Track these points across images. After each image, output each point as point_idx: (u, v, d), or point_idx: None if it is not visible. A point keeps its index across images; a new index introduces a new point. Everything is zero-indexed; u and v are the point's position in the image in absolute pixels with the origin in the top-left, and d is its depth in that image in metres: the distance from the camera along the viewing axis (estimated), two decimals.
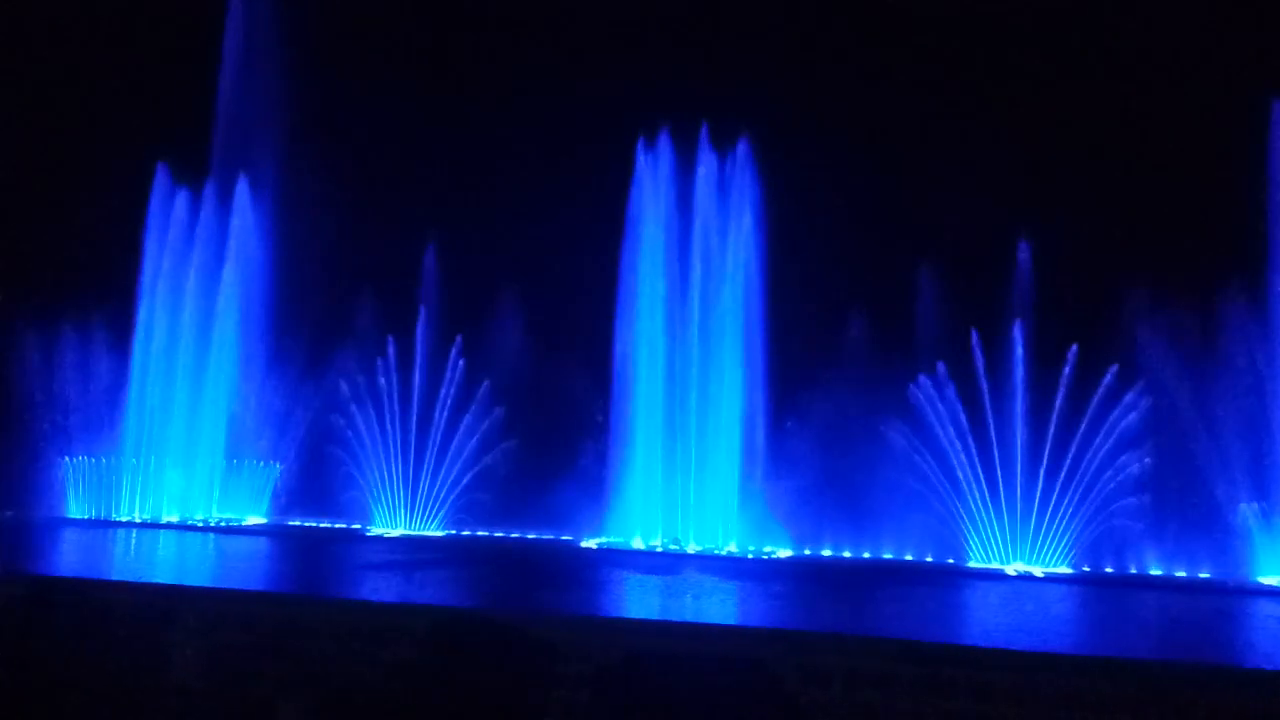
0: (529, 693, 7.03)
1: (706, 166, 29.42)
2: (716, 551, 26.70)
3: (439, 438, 30.23)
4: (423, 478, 30.06)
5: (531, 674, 7.52)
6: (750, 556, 26.15)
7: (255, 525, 29.83)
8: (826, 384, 28.46)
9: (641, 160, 29.57)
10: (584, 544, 27.01)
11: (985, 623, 15.95)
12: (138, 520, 29.71)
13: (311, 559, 22.07)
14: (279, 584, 17.33)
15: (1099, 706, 7.14)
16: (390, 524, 29.76)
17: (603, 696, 6.88)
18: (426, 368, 30.93)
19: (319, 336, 31.03)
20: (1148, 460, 25.19)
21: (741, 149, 29.07)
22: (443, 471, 29.94)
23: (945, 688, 6.98)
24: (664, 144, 29.54)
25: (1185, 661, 10.27)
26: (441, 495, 29.90)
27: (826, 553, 27.03)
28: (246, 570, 19.11)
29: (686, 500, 28.01)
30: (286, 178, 31.45)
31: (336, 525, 29.86)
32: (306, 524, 29.97)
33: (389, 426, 30.55)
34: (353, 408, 30.62)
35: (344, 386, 30.71)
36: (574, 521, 28.19)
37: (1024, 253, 26.84)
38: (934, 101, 31.36)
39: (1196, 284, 25.01)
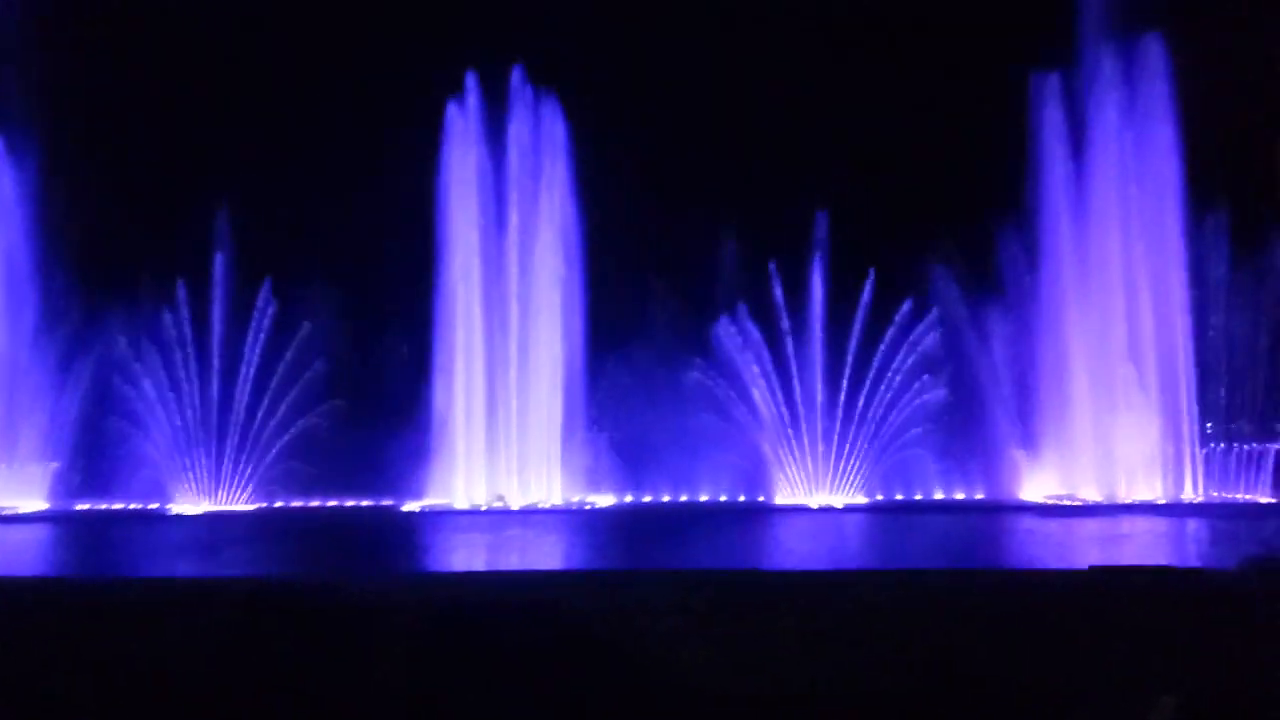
0: (345, 655, 7.04)
1: (519, 120, 29.19)
2: (540, 506, 27.08)
3: (245, 398, 28.54)
4: (227, 446, 28.41)
5: (345, 635, 7.52)
6: (574, 508, 26.73)
7: (34, 513, 27.21)
8: (641, 333, 29.25)
9: (453, 112, 28.92)
10: (406, 508, 26.62)
11: (778, 551, 17.24)
12: None
13: (96, 545, 20.57)
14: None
15: (876, 614, 7.92)
16: (194, 500, 28.04)
17: (418, 652, 6.99)
18: (227, 318, 28.99)
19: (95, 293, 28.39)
20: (940, 392, 27.43)
21: (552, 102, 29.03)
22: (251, 437, 28.38)
23: (736, 610, 7.62)
24: (473, 96, 29.00)
25: (953, 569, 11.58)
26: (251, 464, 28.40)
27: (647, 499, 28.02)
28: (17, 561, 17.62)
29: (509, 456, 28.15)
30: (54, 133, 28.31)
31: (131, 506, 27.65)
32: (99, 507, 27.62)
33: (185, 387, 28.49)
34: (137, 368, 28.22)
35: (122, 344, 28.21)
36: (396, 486, 27.63)
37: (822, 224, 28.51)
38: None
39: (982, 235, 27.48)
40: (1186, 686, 5.53)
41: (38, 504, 27.77)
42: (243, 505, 27.94)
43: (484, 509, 26.69)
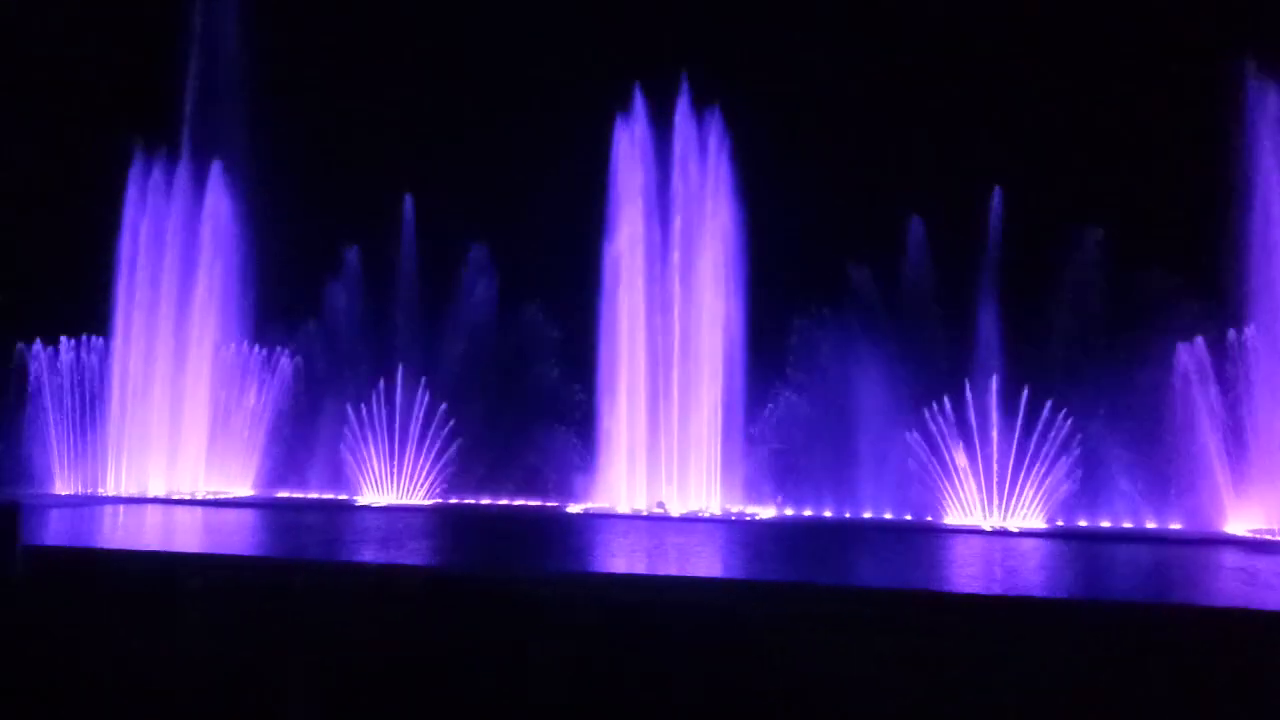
0: (516, 646, 7.34)
1: (684, 134, 29.57)
2: (700, 514, 27.18)
3: (426, 400, 30.35)
4: (409, 444, 30.24)
5: (518, 628, 7.85)
6: (733, 518, 26.67)
7: (242, 497, 30.00)
8: (803, 346, 28.91)
9: (619, 126, 29.64)
10: (571, 509, 27.48)
11: (945, 572, 16.49)
12: None
13: (294, 529, 22.35)
14: None
15: (1044, 644, 7.45)
16: (377, 494, 30.00)
17: (585, 647, 7.19)
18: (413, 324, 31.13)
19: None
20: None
21: (715, 115, 29.24)
22: (431, 436, 30.14)
23: (905, 629, 7.38)
24: (640, 111, 29.63)
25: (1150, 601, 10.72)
26: (430, 462, 30.12)
27: (807, 513, 27.56)
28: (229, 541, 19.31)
29: (670, 464, 28.46)
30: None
31: (324, 496, 30.07)
32: (295, 496, 30.15)
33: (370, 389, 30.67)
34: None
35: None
36: (561, 489, 28.93)
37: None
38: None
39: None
40: None
41: (245, 490, 30.72)
42: (421, 500, 29.66)
43: (645, 514, 27.09)
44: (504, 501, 29.44)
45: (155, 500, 29.23)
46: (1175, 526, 25.04)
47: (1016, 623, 7.96)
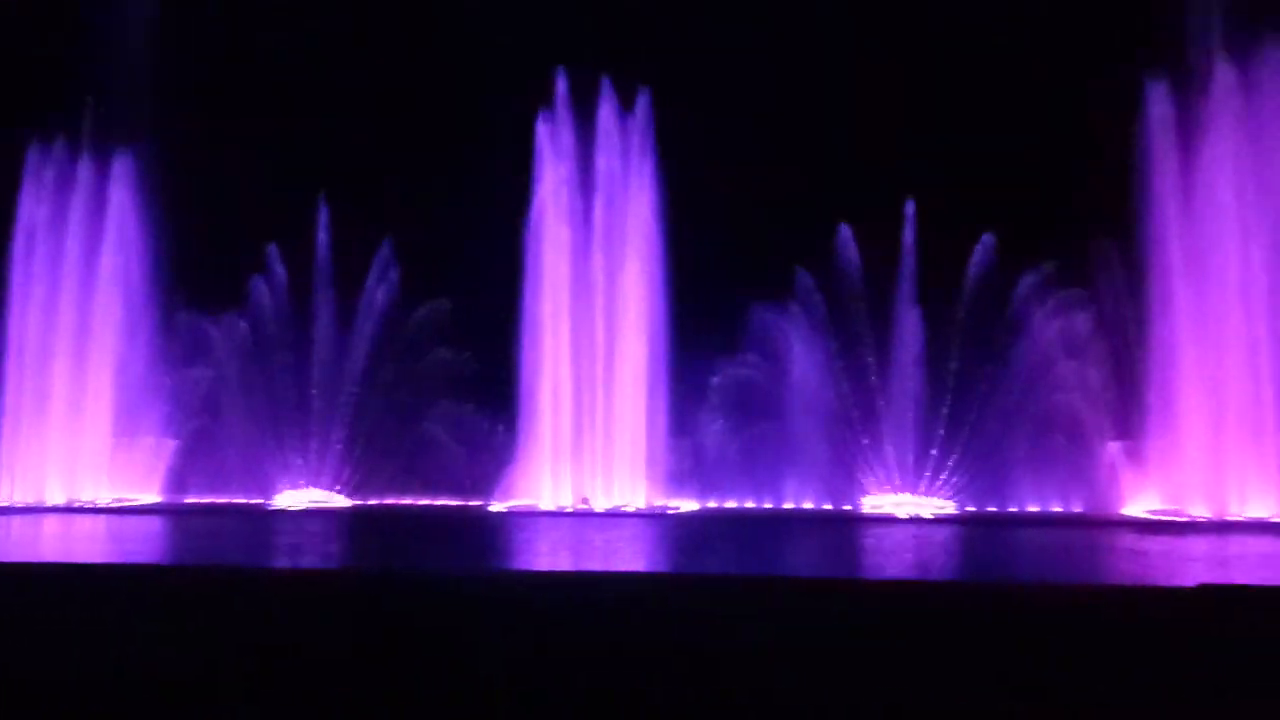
0: (441, 647, 7.27)
1: (607, 126, 29.57)
2: (625, 509, 27.28)
3: (346, 398, 29.59)
4: (330, 442, 29.51)
5: (460, 628, 7.78)
6: (658, 512, 26.85)
7: (149, 504, 28.84)
8: (728, 338, 29.23)
9: (542, 119, 29.47)
10: (493, 508, 27.25)
11: (863, 560, 16.95)
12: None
13: (204, 535, 21.63)
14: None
15: (966, 626, 7.69)
16: (293, 495, 29.21)
17: (510, 646, 7.16)
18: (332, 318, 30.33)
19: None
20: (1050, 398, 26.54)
21: (642, 105, 29.31)
22: (350, 435, 29.45)
23: (822, 618, 7.58)
24: (563, 102, 29.50)
25: (1053, 582, 11.20)
26: (349, 461, 29.47)
27: (731, 504, 27.94)
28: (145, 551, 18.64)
29: (594, 460, 28.48)
30: (166, 146, 29.91)
31: (235, 501, 29.06)
32: (203, 501, 29.12)
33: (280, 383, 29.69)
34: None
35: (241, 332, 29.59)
36: (483, 487, 28.48)
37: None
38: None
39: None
40: None
41: (152, 496, 29.50)
42: (340, 501, 29.02)
43: (569, 510, 27.06)
44: (425, 501, 28.95)
45: (54, 510, 27.89)
46: (1078, 510, 26.19)
47: (930, 607, 8.27)
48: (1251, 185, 25.43)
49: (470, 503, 28.10)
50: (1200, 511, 24.42)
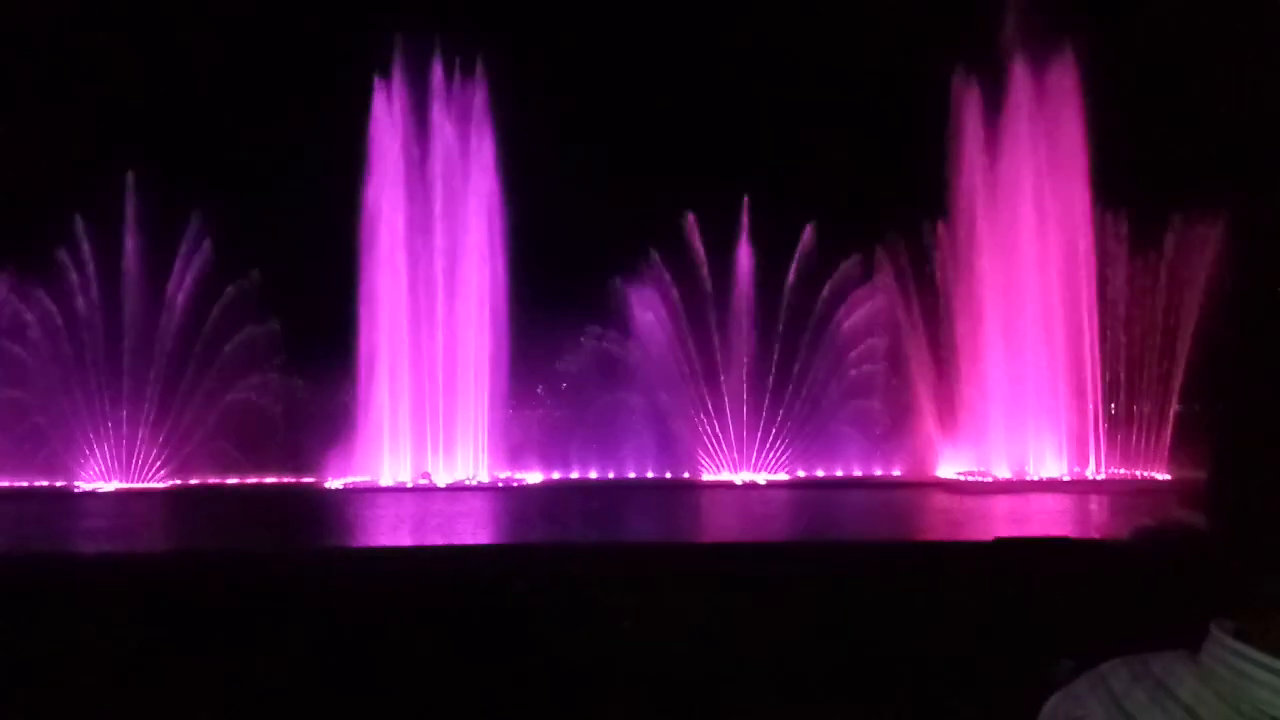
0: (270, 631, 7.00)
1: (444, 99, 28.78)
2: (467, 483, 26.98)
3: (159, 371, 27.57)
4: (141, 420, 27.49)
5: (272, 611, 7.48)
6: (501, 485, 26.73)
7: None
8: (569, 313, 29.29)
9: (378, 89, 28.34)
10: (329, 485, 26.26)
11: (699, 525, 17.60)
12: None
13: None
14: None
15: (792, 586, 8.14)
16: (103, 478, 27.09)
17: (346, 628, 6.99)
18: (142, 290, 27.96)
19: None
20: (864, 373, 28.14)
21: (480, 81, 28.69)
22: (166, 412, 27.52)
23: (659, 582, 7.82)
24: (399, 73, 28.45)
25: (866, 541, 11.97)
26: (167, 440, 27.55)
27: (574, 476, 28.16)
28: None
29: (435, 434, 27.96)
30: None
31: (37, 484, 26.57)
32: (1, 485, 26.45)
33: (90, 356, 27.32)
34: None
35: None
36: (318, 464, 27.28)
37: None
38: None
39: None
40: (1084, 648, 5.91)
41: None
42: (156, 484, 27.13)
43: (409, 486, 26.48)
44: (254, 480, 27.36)
45: None
46: (896, 473, 28.10)
47: (760, 565, 8.72)
48: (1047, 172, 27.73)
49: (304, 480, 26.88)
50: (1002, 473, 26.71)
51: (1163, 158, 26.00)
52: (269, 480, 27.19)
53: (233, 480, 27.21)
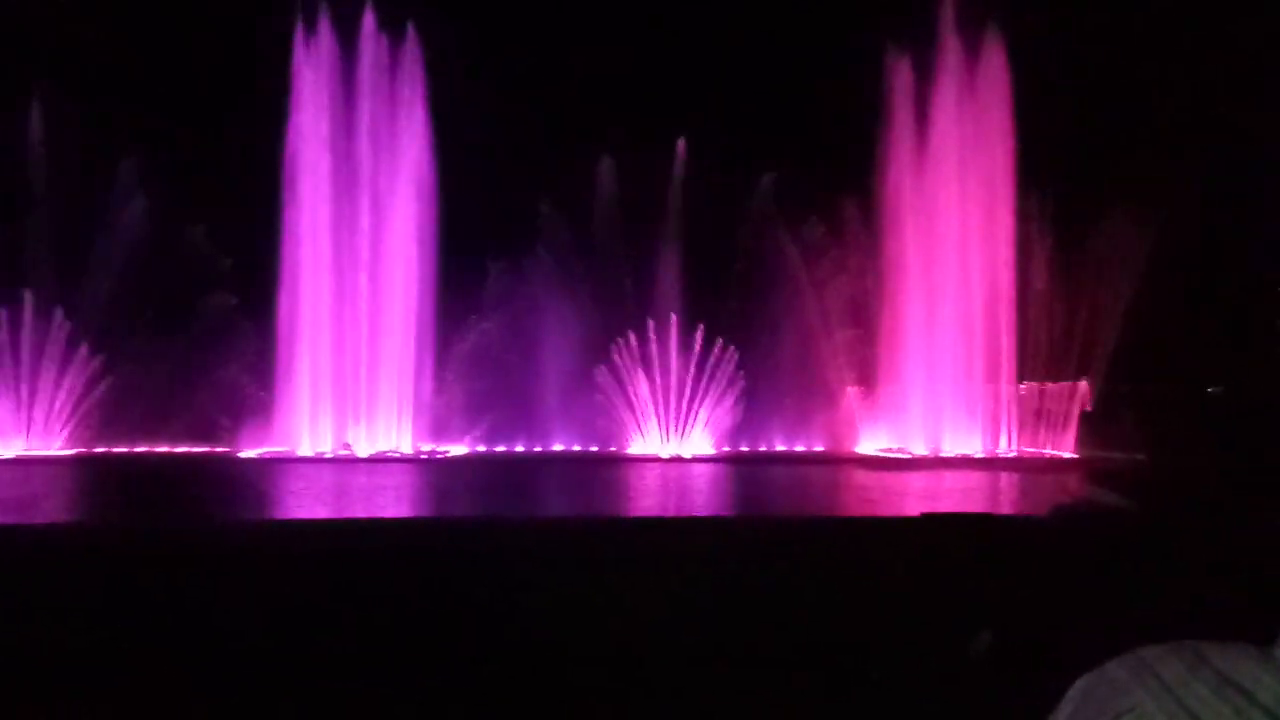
0: (187, 605, 6.73)
1: (372, 52, 27.85)
2: (390, 454, 26.49)
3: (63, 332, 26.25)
4: (40, 383, 26.16)
5: (186, 585, 7.21)
6: (425, 457, 26.32)
7: None
8: (495, 282, 28.89)
9: (300, 39, 27.27)
10: (244, 455, 25.46)
11: (623, 499, 17.65)
12: None
13: None
14: None
15: (717, 560, 8.18)
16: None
17: (264, 603, 6.77)
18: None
19: None
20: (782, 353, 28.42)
21: (409, 33, 27.83)
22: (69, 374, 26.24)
23: (583, 556, 7.79)
24: (324, 22, 27.40)
25: (797, 516, 12.17)
26: (69, 404, 26.28)
27: (500, 449, 27.89)
28: None
29: (357, 402, 27.33)
30: None
31: None
32: None
33: None
34: None
35: None
36: (232, 432, 26.40)
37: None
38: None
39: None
40: (1002, 621, 6.08)
41: None
42: (57, 449, 25.91)
43: (329, 457, 25.86)
44: (164, 449, 26.34)
45: None
46: (819, 449, 28.62)
47: (688, 539, 8.77)
48: (970, 153, 28.32)
49: (216, 450, 26.01)
50: (919, 449, 27.47)
51: (1090, 143, 26.92)
52: (179, 449, 26.21)
53: (141, 448, 26.16)
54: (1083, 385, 27.49)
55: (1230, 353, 30.23)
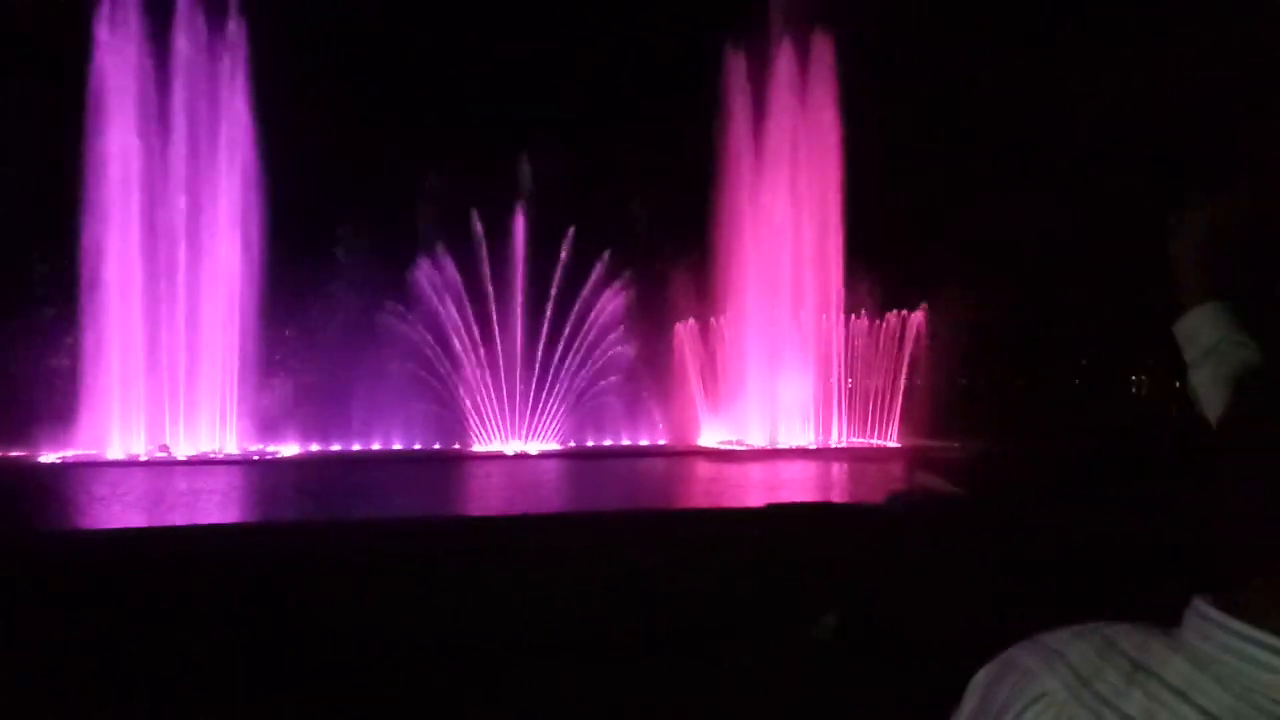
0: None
1: (189, 27, 25.91)
2: (213, 456, 24.81)
3: None
4: None
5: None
6: (252, 458, 24.80)
7: None
8: (331, 270, 27.62)
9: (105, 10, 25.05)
10: (44, 459, 23.12)
11: (469, 497, 17.34)
12: None
13: None
14: None
15: (567, 556, 8.16)
16: None
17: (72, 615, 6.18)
18: None
19: None
20: (628, 347, 28.73)
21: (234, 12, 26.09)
22: None
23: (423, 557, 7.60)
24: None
25: (646, 509, 12.30)
26: None
27: (336, 448, 26.69)
28: None
29: (174, 400, 25.42)
30: None
31: None
32: None
33: None
34: None
35: None
36: (28, 434, 23.89)
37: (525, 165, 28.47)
38: None
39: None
40: (845, 605, 6.35)
41: None
42: None
43: (143, 460, 23.92)
44: None
45: None
46: (662, 442, 29.10)
47: (542, 535, 8.67)
48: (803, 152, 29.49)
49: (11, 454, 23.46)
50: (757, 441, 28.43)
51: (919, 139, 28.70)
52: None
53: None
54: (903, 380, 29.33)
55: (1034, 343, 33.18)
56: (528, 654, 5.65)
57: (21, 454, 23.31)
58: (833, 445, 28.82)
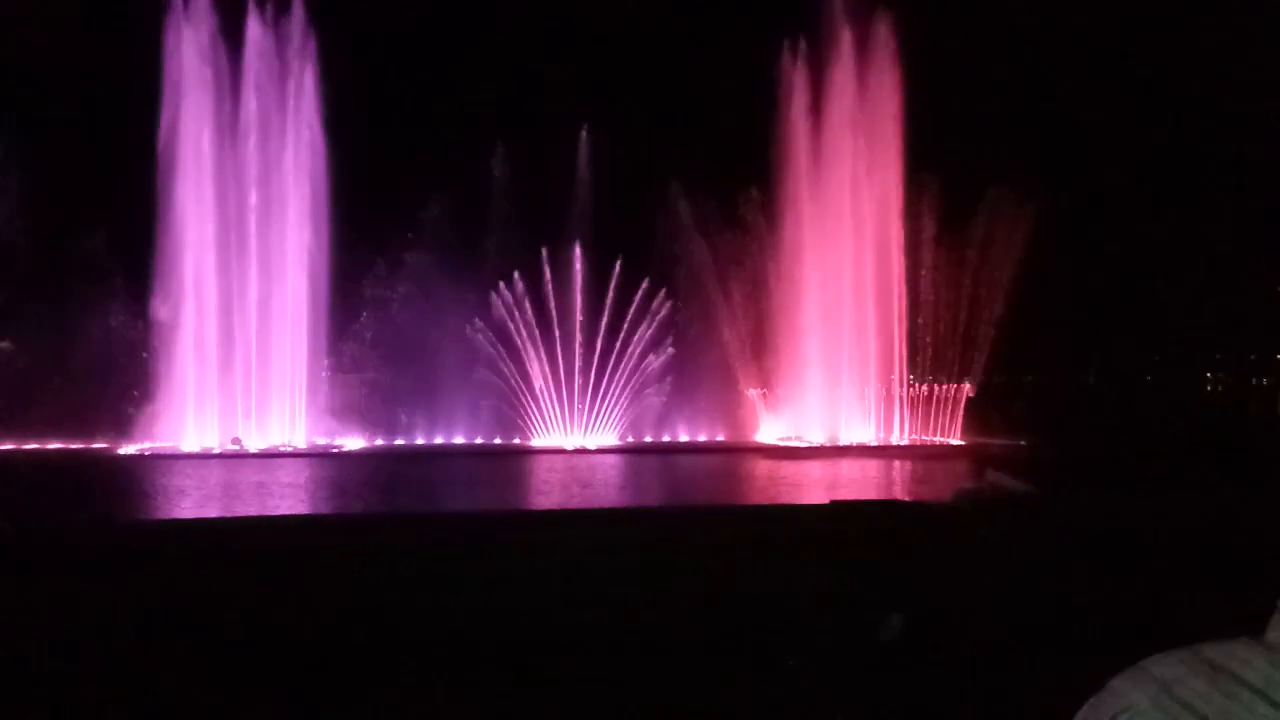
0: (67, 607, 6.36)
1: (260, 24, 26.62)
2: (283, 449, 25.50)
3: None
4: None
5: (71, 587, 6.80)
6: (320, 451, 25.43)
7: None
8: (401, 275, 28.14)
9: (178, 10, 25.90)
10: (124, 451, 24.07)
11: (533, 492, 17.52)
12: None
13: None
14: None
15: (641, 550, 8.23)
16: None
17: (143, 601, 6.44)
18: None
19: None
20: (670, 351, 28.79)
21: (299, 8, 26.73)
22: None
23: (490, 551, 7.71)
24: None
25: (712, 505, 12.33)
26: None
27: (400, 442, 27.21)
28: None
29: (247, 395, 26.20)
30: None
31: None
32: None
33: None
34: None
35: None
36: (113, 428, 24.93)
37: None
38: None
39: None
40: (912, 606, 6.28)
41: None
42: None
43: (217, 452, 24.72)
44: (34, 446, 24.60)
45: None
46: (720, 438, 28.98)
47: (608, 530, 8.75)
48: (864, 150, 29.01)
49: (93, 446, 24.44)
50: (816, 438, 28.14)
51: (981, 139, 28.08)
52: (54, 446, 24.58)
53: (9, 445, 24.39)
54: (969, 377, 28.74)
55: (1103, 340, 32.22)
56: (588, 650, 5.70)
57: (103, 446, 24.30)
58: (894, 442, 28.38)
